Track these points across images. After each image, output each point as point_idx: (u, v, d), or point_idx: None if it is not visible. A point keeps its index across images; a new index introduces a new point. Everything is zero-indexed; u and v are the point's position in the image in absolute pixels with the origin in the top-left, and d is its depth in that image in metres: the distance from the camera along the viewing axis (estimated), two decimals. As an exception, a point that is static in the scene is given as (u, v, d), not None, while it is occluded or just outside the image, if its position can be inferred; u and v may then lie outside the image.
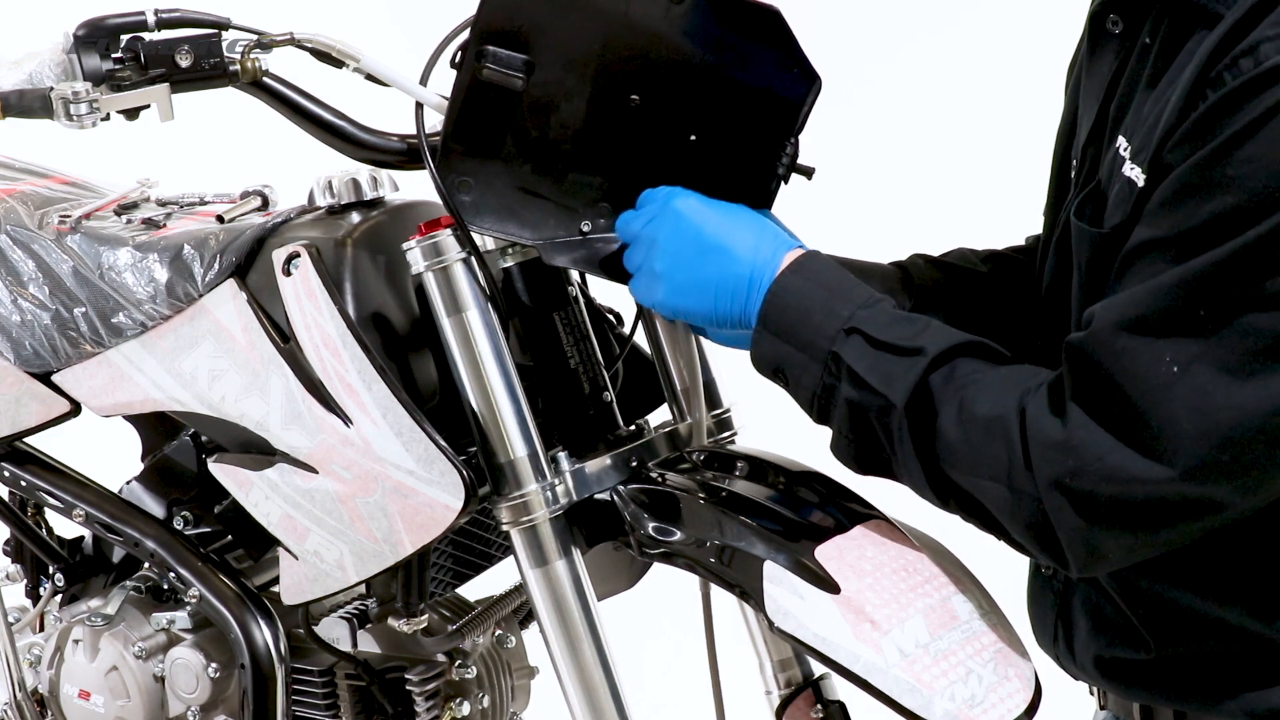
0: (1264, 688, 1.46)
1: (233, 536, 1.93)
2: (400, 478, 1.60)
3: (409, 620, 1.76)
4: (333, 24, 1.80)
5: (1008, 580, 1.69)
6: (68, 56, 1.64)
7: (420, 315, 1.67)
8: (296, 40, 1.66)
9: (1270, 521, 1.41)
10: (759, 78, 1.58)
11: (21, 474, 2.02)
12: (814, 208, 1.86)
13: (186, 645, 1.93)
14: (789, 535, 1.51)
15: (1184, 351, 1.31)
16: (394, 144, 1.68)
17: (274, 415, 1.68)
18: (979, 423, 1.40)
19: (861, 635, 1.45)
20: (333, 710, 1.89)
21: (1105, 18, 1.52)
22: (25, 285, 1.90)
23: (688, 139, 1.60)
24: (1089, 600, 1.57)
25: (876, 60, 4.02)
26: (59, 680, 2.03)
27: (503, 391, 1.58)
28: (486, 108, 1.53)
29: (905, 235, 2.30)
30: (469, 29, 1.52)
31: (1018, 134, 2.82)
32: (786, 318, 1.49)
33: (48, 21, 1.80)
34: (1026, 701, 1.47)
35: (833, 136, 2.22)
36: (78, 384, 1.90)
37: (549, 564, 1.59)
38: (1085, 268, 1.48)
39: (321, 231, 1.70)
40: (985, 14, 4.02)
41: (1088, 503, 1.36)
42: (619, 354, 1.75)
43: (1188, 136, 1.33)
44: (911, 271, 1.72)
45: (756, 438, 1.73)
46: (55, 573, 2.10)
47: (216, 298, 1.74)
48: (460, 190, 1.56)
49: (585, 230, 1.61)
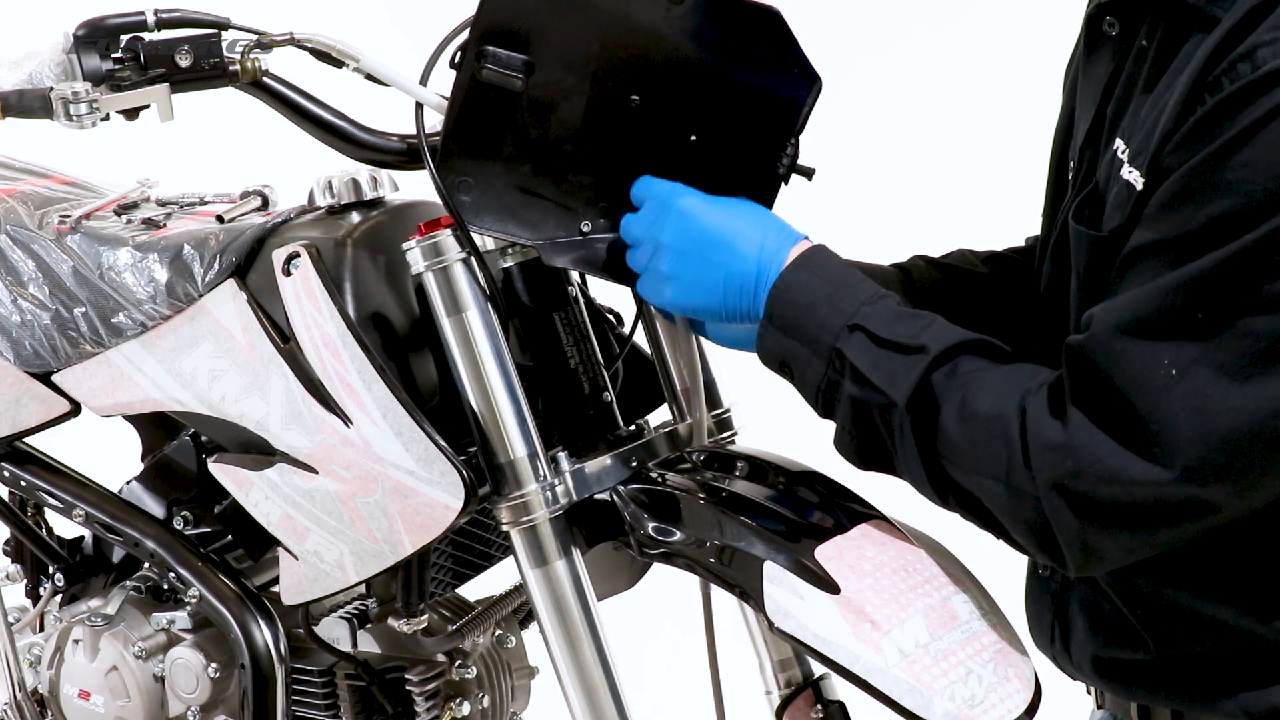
0: (1262, 687, 1.46)
1: (233, 536, 1.93)
2: (400, 478, 1.60)
3: (409, 620, 1.76)
4: (333, 24, 1.80)
5: (1008, 580, 1.69)
6: (68, 56, 1.64)
7: (420, 315, 1.67)
8: (296, 40, 1.66)
9: (1269, 522, 1.41)
10: (759, 78, 1.58)
11: (21, 474, 2.02)
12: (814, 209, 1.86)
13: (186, 645, 1.93)
14: (789, 535, 1.51)
15: (1183, 354, 1.32)
16: (394, 144, 1.68)
17: (274, 415, 1.68)
18: (980, 421, 1.40)
19: (861, 635, 1.45)
20: (333, 710, 1.89)
21: (1101, 20, 1.52)
22: (25, 285, 1.90)
23: (688, 139, 1.60)
24: (1086, 600, 1.57)
25: (876, 60, 4.01)
26: (59, 680, 2.03)
27: (503, 391, 1.58)
28: (486, 108, 1.53)
29: (905, 236, 2.30)
30: (469, 29, 1.52)
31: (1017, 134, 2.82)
32: (792, 313, 1.50)
33: (48, 21, 1.80)
34: (1026, 701, 1.48)
35: (833, 137, 2.22)
36: (78, 384, 1.90)
37: (549, 564, 1.59)
38: (1083, 270, 1.48)
39: (321, 231, 1.70)
40: (985, 14, 4.02)
41: (1087, 504, 1.36)
42: (619, 354, 1.75)
43: (1186, 140, 1.33)
44: (912, 273, 1.72)
45: (756, 438, 1.73)
46: (55, 573, 2.10)
47: (216, 298, 1.74)
48: (460, 190, 1.56)
49: (585, 230, 1.61)
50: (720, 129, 1.60)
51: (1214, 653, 1.48)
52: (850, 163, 3.28)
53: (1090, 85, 1.54)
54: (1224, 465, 1.32)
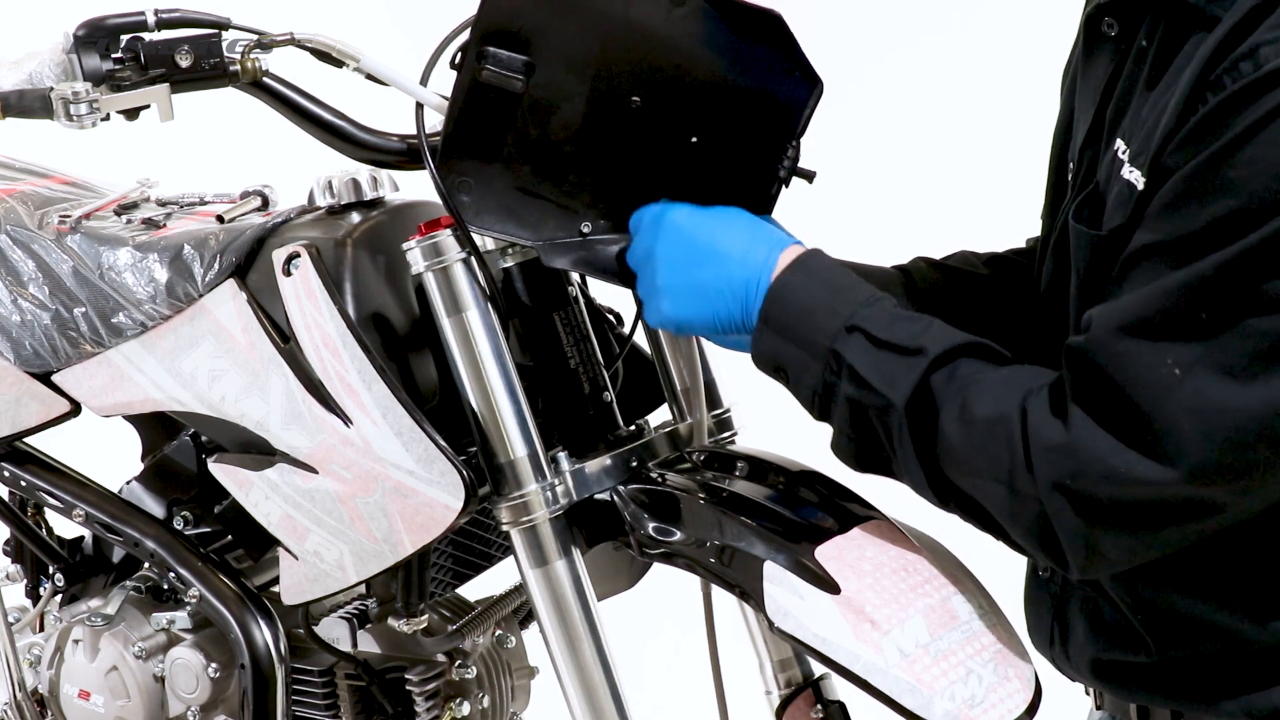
0: (1264, 688, 1.46)
1: (233, 536, 1.93)
2: (400, 478, 1.60)
3: (409, 620, 1.76)
4: (333, 24, 1.80)
5: (1008, 580, 1.69)
6: (68, 56, 1.64)
7: (420, 315, 1.67)
8: (296, 40, 1.66)
9: (1269, 526, 1.41)
10: (760, 80, 1.58)
11: (21, 474, 2.02)
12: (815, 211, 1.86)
13: (186, 645, 1.93)
14: (789, 535, 1.51)
15: (1186, 354, 1.31)
16: (394, 144, 1.68)
17: (274, 415, 1.68)
18: (980, 424, 1.40)
19: (861, 635, 1.45)
20: (333, 710, 1.89)
21: (1100, 20, 1.51)
22: (25, 285, 1.90)
23: (688, 141, 1.60)
24: (1086, 603, 1.57)
25: (876, 61, 4.02)
26: (59, 680, 2.03)
27: (503, 391, 1.58)
28: (486, 109, 1.53)
29: (906, 238, 2.30)
30: (469, 30, 1.52)
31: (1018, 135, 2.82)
32: (788, 315, 1.49)
33: (48, 21, 1.80)
34: (1026, 702, 1.47)
35: (834, 139, 2.22)
36: (78, 384, 1.90)
37: (549, 564, 1.59)
38: (1084, 270, 1.48)
39: (321, 231, 1.70)
40: (985, 15, 4.02)
41: (1089, 505, 1.36)
42: (619, 354, 1.75)
43: (1188, 140, 1.33)
44: (913, 274, 1.72)
45: (756, 438, 1.73)
46: (55, 573, 2.10)
47: (216, 298, 1.74)
48: (460, 190, 1.56)
49: (585, 231, 1.61)
50: (721, 131, 1.60)
51: (1215, 655, 1.48)
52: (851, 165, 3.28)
53: (1089, 86, 1.54)
54: (1227, 465, 1.32)
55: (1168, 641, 1.50)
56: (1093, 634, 1.56)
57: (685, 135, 1.60)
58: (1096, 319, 1.37)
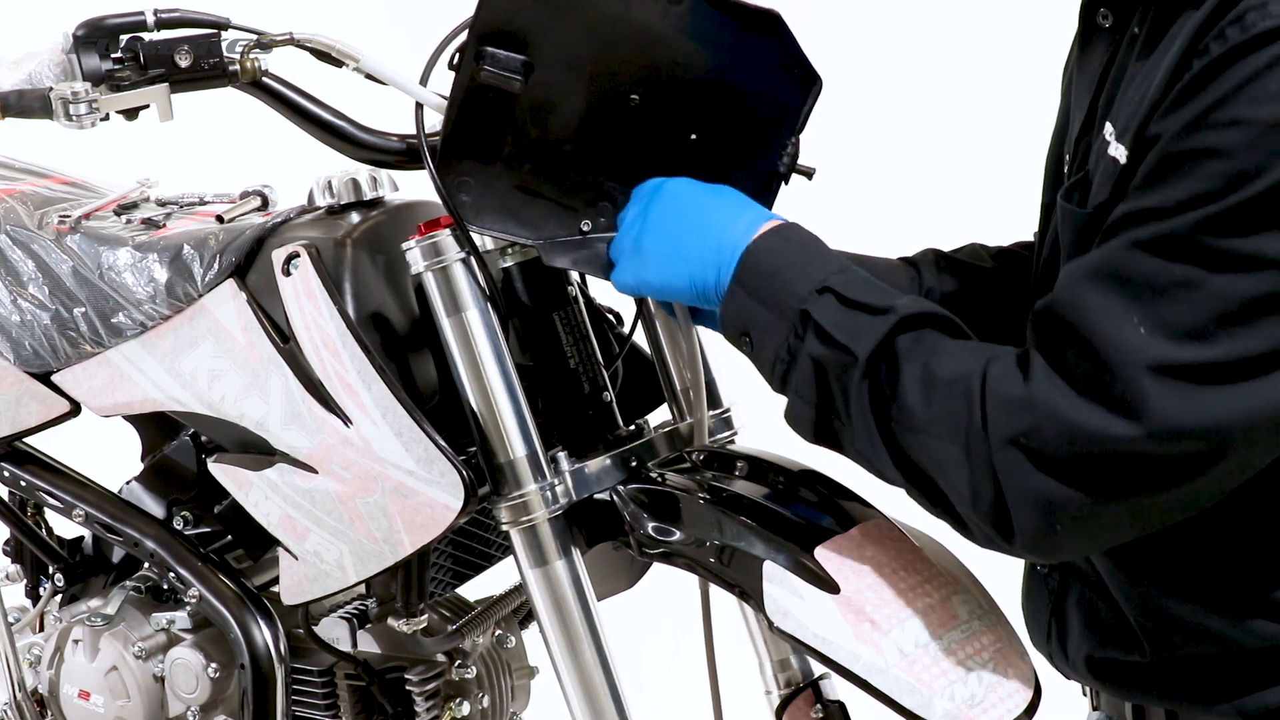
0: (1257, 690, 1.45)
1: (233, 536, 1.93)
2: (400, 478, 1.60)
3: (409, 620, 1.76)
4: (333, 24, 1.80)
5: (1008, 580, 1.69)
6: (67, 56, 1.64)
7: (420, 315, 1.67)
8: (296, 40, 1.66)
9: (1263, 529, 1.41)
10: (759, 78, 1.58)
11: (21, 474, 2.02)
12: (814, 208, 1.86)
13: (186, 645, 1.93)
14: (789, 535, 1.51)
15: (1152, 310, 1.29)
16: (394, 144, 1.68)
17: (274, 415, 1.68)
18: (940, 383, 1.37)
19: (861, 635, 1.45)
20: (333, 710, 1.89)
21: (1096, 11, 1.51)
22: (25, 285, 1.90)
23: (688, 139, 1.60)
24: (1083, 600, 1.56)
25: (876, 60, 4.01)
26: (59, 680, 2.03)
27: (502, 391, 1.58)
28: (485, 109, 1.53)
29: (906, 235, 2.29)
30: (467, 30, 1.52)
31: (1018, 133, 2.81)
32: (760, 277, 1.48)
33: (48, 21, 1.80)
34: (1026, 701, 1.47)
35: (833, 137, 2.22)
36: (78, 384, 1.90)
37: (549, 564, 1.59)
38: (1070, 248, 1.46)
39: (321, 231, 1.70)
40: (985, 14, 4.02)
41: (1044, 461, 1.32)
42: (619, 354, 1.75)
43: (1173, 106, 1.31)
44: (921, 267, 1.72)
45: (756, 438, 1.73)
46: (55, 573, 2.10)
47: (216, 298, 1.74)
48: (460, 190, 1.56)
49: (585, 230, 1.61)
50: (720, 128, 1.60)
51: (1208, 656, 1.47)
52: (850, 162, 3.28)
53: (1085, 78, 1.53)
54: (1191, 425, 1.29)
55: (1162, 642, 1.49)
56: (1089, 632, 1.56)
57: (684, 133, 1.60)
58: (1064, 272, 1.35)
